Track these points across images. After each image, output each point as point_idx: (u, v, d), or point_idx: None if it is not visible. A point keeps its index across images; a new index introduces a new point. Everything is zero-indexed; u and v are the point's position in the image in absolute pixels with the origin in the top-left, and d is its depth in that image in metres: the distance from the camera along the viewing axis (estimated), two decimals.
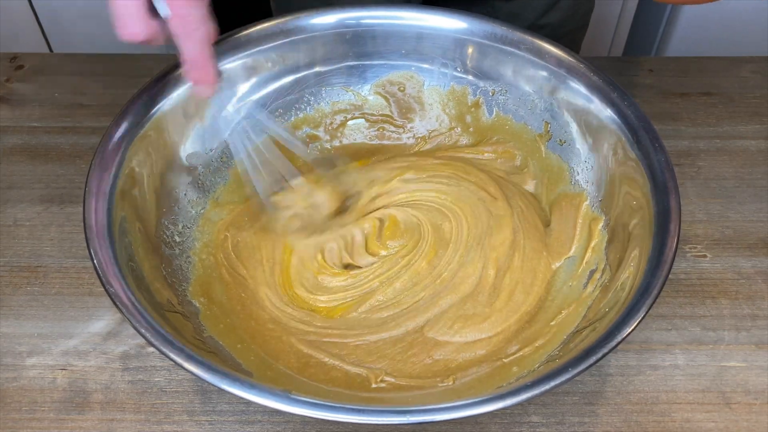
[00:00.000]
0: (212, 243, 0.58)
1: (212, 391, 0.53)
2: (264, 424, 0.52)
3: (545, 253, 0.57)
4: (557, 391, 0.53)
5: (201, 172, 0.60)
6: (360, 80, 0.65)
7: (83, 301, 0.58)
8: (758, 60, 0.78)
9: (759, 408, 0.53)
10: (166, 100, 0.57)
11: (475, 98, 0.65)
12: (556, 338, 0.51)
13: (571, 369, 0.43)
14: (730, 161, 0.68)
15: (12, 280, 0.60)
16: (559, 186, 0.61)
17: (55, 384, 0.54)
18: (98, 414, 0.52)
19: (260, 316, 0.54)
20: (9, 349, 0.56)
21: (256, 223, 0.60)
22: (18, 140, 0.70)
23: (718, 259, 0.61)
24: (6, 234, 0.63)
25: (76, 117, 0.72)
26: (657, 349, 0.56)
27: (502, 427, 0.52)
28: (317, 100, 0.65)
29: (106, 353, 0.55)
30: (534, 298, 0.55)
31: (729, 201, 0.65)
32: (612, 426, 0.52)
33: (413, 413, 0.41)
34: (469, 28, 0.62)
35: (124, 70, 0.76)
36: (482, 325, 0.53)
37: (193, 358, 0.43)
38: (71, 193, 0.65)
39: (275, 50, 0.61)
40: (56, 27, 0.98)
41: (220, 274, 0.56)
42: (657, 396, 0.53)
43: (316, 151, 0.65)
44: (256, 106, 0.56)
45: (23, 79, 0.76)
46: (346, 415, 0.41)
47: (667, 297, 0.59)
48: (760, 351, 0.56)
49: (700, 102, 0.74)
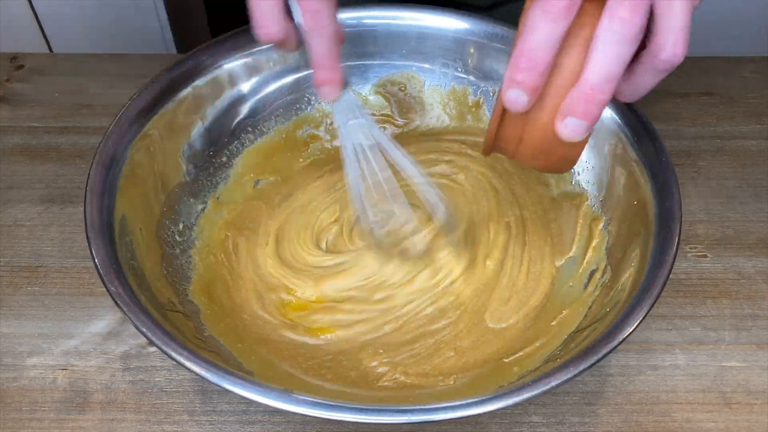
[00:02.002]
0: (213, 242, 0.58)
1: (213, 391, 0.53)
2: (265, 424, 0.52)
3: (549, 251, 0.57)
4: (557, 391, 0.53)
5: (202, 172, 0.60)
6: (361, 80, 0.65)
7: (84, 301, 0.58)
8: (758, 60, 0.78)
9: (759, 408, 0.53)
10: (166, 99, 0.57)
11: (476, 98, 0.65)
12: (556, 338, 0.51)
13: (571, 369, 0.43)
14: (731, 161, 0.68)
15: (12, 280, 0.60)
16: (559, 186, 0.61)
17: (55, 384, 0.54)
18: (99, 414, 0.52)
19: (262, 315, 0.54)
20: (9, 349, 0.56)
21: (256, 223, 0.60)
22: (18, 140, 0.70)
23: (718, 259, 0.61)
24: (6, 234, 0.63)
25: (76, 117, 0.72)
26: (657, 349, 0.56)
27: (503, 427, 0.52)
28: (318, 100, 0.65)
29: (107, 353, 0.55)
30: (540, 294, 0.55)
31: (730, 201, 0.65)
32: (612, 426, 0.52)
33: (414, 413, 0.41)
34: (470, 28, 0.62)
35: (124, 70, 0.76)
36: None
37: (194, 358, 0.43)
38: (71, 193, 0.65)
39: (276, 50, 0.61)
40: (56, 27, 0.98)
41: (221, 273, 0.56)
42: (657, 396, 0.53)
43: (317, 151, 0.65)
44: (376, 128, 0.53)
45: (23, 79, 0.76)
46: (347, 415, 0.41)
47: (667, 297, 0.59)
48: (761, 351, 0.56)
49: (701, 102, 0.74)
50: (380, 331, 0.53)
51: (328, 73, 0.49)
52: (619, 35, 0.38)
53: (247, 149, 0.63)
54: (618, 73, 0.39)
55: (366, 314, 0.54)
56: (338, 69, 0.49)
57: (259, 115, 0.63)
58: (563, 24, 0.39)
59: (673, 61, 0.40)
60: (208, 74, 0.60)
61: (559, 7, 0.38)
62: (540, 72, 0.40)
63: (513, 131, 0.45)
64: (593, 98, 0.39)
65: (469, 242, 0.58)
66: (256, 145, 0.63)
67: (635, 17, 0.38)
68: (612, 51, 0.38)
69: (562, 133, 0.41)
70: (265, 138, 0.64)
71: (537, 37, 0.39)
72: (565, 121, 0.41)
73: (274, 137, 0.64)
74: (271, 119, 0.64)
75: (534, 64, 0.40)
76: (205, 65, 0.59)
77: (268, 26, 0.47)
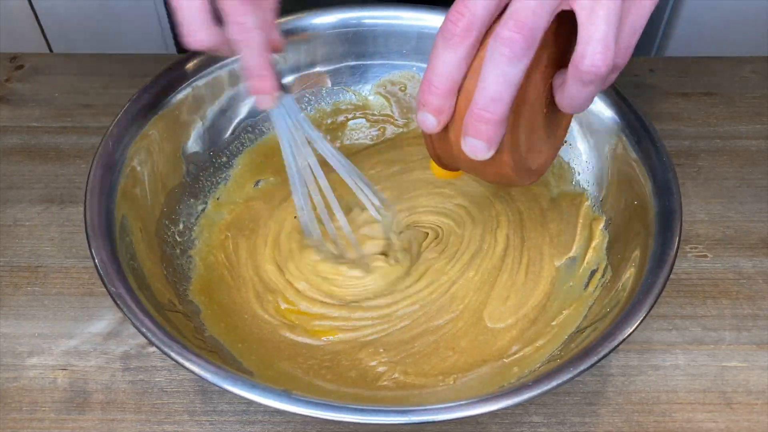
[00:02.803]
0: (213, 243, 0.58)
1: (213, 391, 0.53)
2: (265, 424, 0.52)
3: (548, 251, 0.57)
4: (558, 391, 0.53)
5: (202, 172, 0.60)
6: (361, 80, 0.65)
7: (84, 301, 0.58)
8: (758, 60, 0.78)
9: (760, 408, 0.53)
10: (166, 99, 0.57)
11: None
12: (557, 338, 0.51)
13: (572, 369, 0.43)
14: (731, 161, 0.68)
15: (12, 280, 0.60)
16: (559, 186, 0.61)
17: (55, 384, 0.54)
18: (99, 414, 0.52)
19: (261, 315, 0.54)
20: (9, 349, 0.56)
21: (256, 223, 0.60)
22: (18, 140, 0.70)
23: (719, 259, 0.61)
24: (6, 234, 0.62)
25: (76, 117, 0.72)
26: (658, 349, 0.56)
27: (503, 427, 0.52)
28: (318, 100, 0.65)
29: (107, 353, 0.55)
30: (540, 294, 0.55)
31: (730, 201, 0.65)
32: (613, 426, 0.52)
33: (414, 413, 0.41)
34: None
35: (124, 70, 0.76)
36: None
37: (194, 358, 0.43)
38: (71, 193, 0.65)
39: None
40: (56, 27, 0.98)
41: (221, 273, 0.56)
42: (658, 396, 0.53)
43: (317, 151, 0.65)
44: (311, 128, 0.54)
45: (23, 79, 0.75)
46: (347, 415, 0.41)
47: (667, 297, 0.59)
48: (761, 351, 0.56)
49: (701, 102, 0.74)
50: (381, 332, 0.53)
51: (260, 82, 0.49)
52: (501, 55, 0.38)
53: (247, 149, 0.63)
54: (505, 91, 0.39)
55: (367, 320, 0.54)
56: (271, 77, 0.48)
57: (259, 115, 0.63)
58: (460, 50, 0.40)
59: (594, 72, 0.38)
60: (208, 74, 0.60)
61: (454, 33, 0.40)
62: (440, 95, 0.41)
63: (443, 151, 0.46)
64: (482, 118, 0.40)
65: (468, 242, 0.58)
66: (256, 145, 0.63)
67: (517, 36, 0.37)
68: (496, 71, 0.38)
69: (466, 151, 0.42)
70: (265, 138, 0.64)
71: (436, 63, 0.41)
72: (465, 140, 0.41)
73: (274, 137, 0.63)
74: (271, 119, 0.63)
75: (434, 89, 0.41)
76: (205, 65, 0.59)
77: (195, 33, 0.45)
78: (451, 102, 0.42)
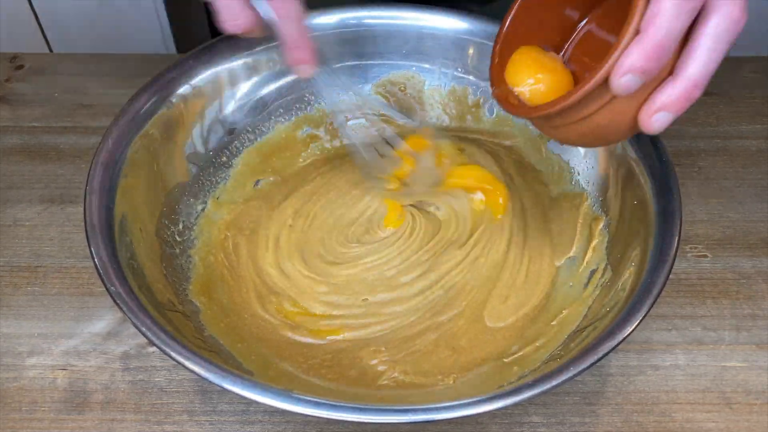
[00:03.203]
0: (213, 242, 0.58)
1: (213, 391, 0.53)
2: (265, 424, 0.52)
3: (548, 251, 0.57)
4: (558, 391, 0.53)
5: (202, 172, 0.60)
6: (361, 80, 0.65)
7: (83, 301, 0.58)
8: (758, 60, 0.78)
9: (759, 408, 0.53)
10: (166, 99, 0.57)
11: (476, 98, 0.65)
12: (556, 338, 0.51)
13: (571, 369, 0.43)
14: (731, 161, 0.68)
15: (12, 280, 0.60)
16: (559, 186, 0.61)
17: (55, 384, 0.54)
18: (98, 414, 0.52)
19: (262, 315, 0.54)
20: (9, 349, 0.56)
21: (256, 223, 0.60)
22: (18, 140, 0.70)
23: (718, 259, 0.61)
24: (6, 234, 0.63)
25: (76, 117, 0.72)
26: (657, 349, 0.56)
27: (503, 427, 0.52)
28: (318, 100, 0.65)
29: (107, 353, 0.55)
30: (540, 294, 0.55)
31: (730, 201, 0.65)
32: (612, 426, 0.52)
33: (414, 412, 0.41)
34: (470, 28, 0.62)
35: (124, 70, 0.76)
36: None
37: (194, 358, 0.43)
38: (71, 193, 0.65)
39: (276, 49, 0.61)
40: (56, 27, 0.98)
41: (221, 273, 0.56)
42: (657, 396, 0.53)
43: (317, 151, 0.65)
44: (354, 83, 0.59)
45: (23, 79, 0.76)
46: (347, 414, 0.41)
47: (667, 297, 0.59)
48: (761, 351, 0.56)
49: (701, 102, 0.72)
50: (387, 329, 0.53)
51: (301, 53, 0.51)
52: (728, 34, 0.39)
53: (247, 149, 0.63)
54: (713, 72, 0.40)
55: (370, 318, 0.54)
56: (310, 47, 0.51)
57: (259, 115, 0.63)
58: (688, 22, 0.39)
59: None
60: (208, 74, 0.60)
61: (691, 7, 0.39)
62: (664, 63, 0.40)
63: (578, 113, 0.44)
64: (692, 95, 0.40)
65: (469, 240, 0.58)
66: (256, 145, 0.63)
67: (744, 18, 0.39)
68: (719, 49, 0.39)
69: (650, 125, 0.42)
70: (265, 138, 0.64)
71: (669, 31, 0.39)
72: (657, 116, 0.42)
73: (274, 137, 0.64)
74: (271, 119, 0.64)
75: (662, 55, 0.40)
76: (205, 65, 0.59)
77: (235, 18, 0.48)
78: None
